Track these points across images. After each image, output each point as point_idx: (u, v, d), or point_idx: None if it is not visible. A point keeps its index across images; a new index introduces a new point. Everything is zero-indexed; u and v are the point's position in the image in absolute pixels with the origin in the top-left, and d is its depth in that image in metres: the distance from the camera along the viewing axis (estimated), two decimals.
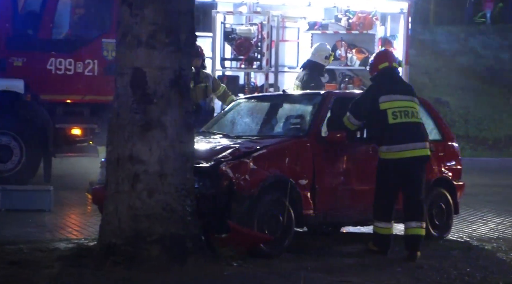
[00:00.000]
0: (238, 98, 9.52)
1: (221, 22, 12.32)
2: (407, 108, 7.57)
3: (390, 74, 7.80)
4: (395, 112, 7.52)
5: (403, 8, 13.02)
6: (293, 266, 6.87)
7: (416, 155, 7.51)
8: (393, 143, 7.49)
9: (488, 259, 7.62)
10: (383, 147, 7.56)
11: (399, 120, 7.51)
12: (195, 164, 6.89)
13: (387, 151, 7.53)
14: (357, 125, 7.75)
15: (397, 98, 7.57)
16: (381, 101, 7.53)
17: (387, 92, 7.58)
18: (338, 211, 7.86)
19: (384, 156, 7.56)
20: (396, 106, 7.53)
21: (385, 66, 7.79)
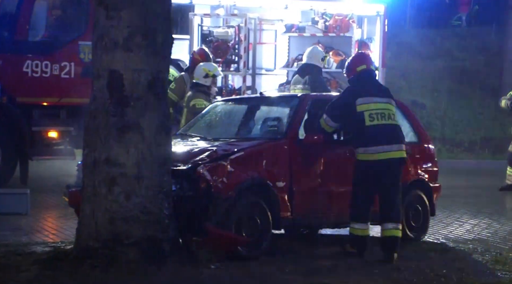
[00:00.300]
0: (216, 101, 9.52)
1: (198, 24, 12.31)
2: (384, 110, 7.61)
3: (368, 77, 7.84)
4: (372, 115, 7.56)
5: (380, 11, 13.08)
6: (271, 269, 6.87)
7: (392, 157, 7.55)
8: (370, 144, 7.53)
9: (464, 260, 7.67)
10: (360, 148, 7.59)
11: (375, 122, 7.55)
12: (173, 167, 6.88)
13: (364, 152, 7.56)
14: (333, 127, 7.77)
15: (374, 101, 7.61)
16: (358, 104, 7.57)
17: (364, 95, 7.61)
18: (315, 213, 7.88)
19: (360, 158, 7.60)
20: (373, 109, 7.57)
21: (363, 69, 7.82)
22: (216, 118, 8.76)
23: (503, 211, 11.13)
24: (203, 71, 10.32)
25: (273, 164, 7.58)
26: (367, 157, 7.55)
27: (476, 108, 21.69)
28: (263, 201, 7.39)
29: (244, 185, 7.28)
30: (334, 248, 7.96)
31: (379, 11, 13.09)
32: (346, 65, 8.04)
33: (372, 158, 7.52)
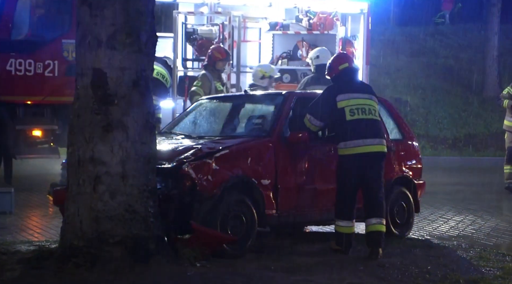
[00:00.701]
0: (200, 99, 9.52)
1: (182, 22, 12.29)
2: (365, 105, 7.66)
3: (350, 75, 7.89)
4: (353, 110, 7.61)
5: (363, 9, 13.11)
6: (256, 266, 6.88)
7: (372, 151, 7.59)
8: (350, 138, 7.57)
9: (449, 256, 7.71)
10: (341, 143, 7.64)
11: (356, 117, 7.59)
12: (158, 165, 6.87)
13: (344, 147, 7.60)
14: (318, 126, 7.79)
15: (354, 96, 7.66)
16: (338, 100, 7.62)
17: (345, 91, 7.67)
18: (300, 210, 7.89)
19: (341, 153, 7.64)
20: (353, 104, 7.62)
21: (345, 67, 7.87)
22: (201, 116, 8.76)
23: (487, 207, 11.19)
24: (260, 73, 10.52)
25: (258, 161, 7.59)
26: (348, 151, 7.58)
27: (459, 105, 21.80)
28: (248, 198, 7.39)
29: (229, 182, 7.28)
30: (319, 245, 7.98)
31: (363, 9, 13.12)
32: (328, 65, 8.08)
33: (352, 152, 7.56)
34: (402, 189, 8.71)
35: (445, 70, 23.77)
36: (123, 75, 6.50)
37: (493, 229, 9.58)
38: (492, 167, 16.81)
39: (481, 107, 21.96)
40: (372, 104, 7.74)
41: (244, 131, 8.24)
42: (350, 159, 7.57)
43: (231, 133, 8.29)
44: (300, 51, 12.64)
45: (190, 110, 8.95)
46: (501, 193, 12.75)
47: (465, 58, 24.68)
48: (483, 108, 21.94)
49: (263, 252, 7.44)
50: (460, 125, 20.78)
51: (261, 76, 10.47)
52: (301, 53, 12.62)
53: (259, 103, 8.83)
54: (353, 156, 7.56)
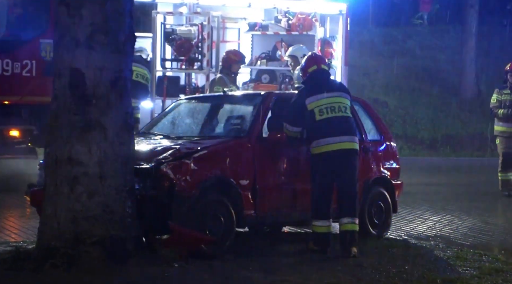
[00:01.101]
0: (179, 99, 9.51)
1: (161, 22, 12.26)
2: (334, 104, 7.70)
3: (320, 77, 7.91)
4: (322, 110, 7.65)
5: (342, 10, 13.15)
6: (234, 267, 6.88)
7: (343, 148, 7.61)
8: (320, 137, 7.60)
9: (426, 256, 7.75)
10: (313, 143, 7.67)
11: (325, 116, 7.64)
12: (136, 165, 6.86)
13: (316, 145, 7.63)
14: (297, 131, 7.84)
15: (323, 97, 7.71)
16: (308, 103, 7.68)
17: (314, 93, 7.71)
18: (279, 211, 7.90)
19: (313, 152, 7.67)
20: (322, 104, 7.67)
21: (314, 69, 7.91)
22: (180, 116, 8.75)
23: (465, 207, 11.26)
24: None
25: (236, 162, 7.59)
26: (319, 149, 7.61)
27: (437, 106, 21.93)
28: (226, 199, 7.39)
29: (208, 183, 7.28)
30: (298, 245, 8.00)
31: (341, 10, 13.16)
32: (300, 68, 8.13)
33: (323, 150, 7.59)
34: (380, 189, 8.75)
35: (423, 71, 23.91)
36: (101, 76, 6.48)
37: (470, 229, 9.64)
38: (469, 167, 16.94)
39: (459, 108, 22.10)
40: (342, 101, 7.75)
41: (222, 131, 8.25)
42: (321, 157, 7.60)
43: (209, 134, 8.29)
44: (279, 52, 12.66)
45: (169, 110, 8.94)
46: (478, 193, 12.85)
47: (443, 59, 24.84)
48: (460, 109, 22.09)
49: (241, 253, 7.44)
50: (438, 126, 20.91)
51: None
52: (280, 54, 12.63)
53: (237, 104, 8.84)
54: (325, 154, 7.59)
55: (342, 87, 8.04)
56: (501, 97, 12.43)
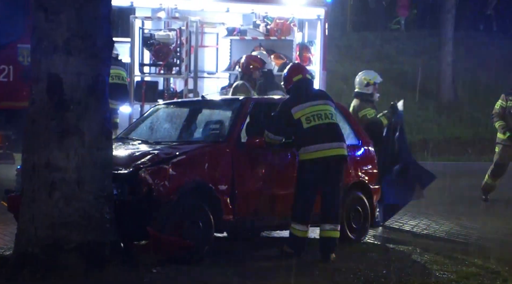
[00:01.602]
0: (157, 104, 9.49)
1: (140, 27, 12.25)
2: (320, 111, 7.73)
3: (305, 86, 7.95)
4: (308, 118, 7.67)
5: (320, 15, 13.20)
6: (213, 272, 6.88)
7: (333, 155, 7.65)
8: (309, 144, 7.62)
9: (404, 261, 7.78)
10: (301, 149, 7.69)
11: (313, 123, 7.66)
12: (114, 171, 6.84)
13: (304, 152, 7.65)
14: (279, 140, 7.87)
15: (308, 105, 7.73)
16: (294, 112, 7.70)
17: (300, 102, 7.74)
18: (258, 215, 7.91)
19: (302, 158, 7.69)
20: (308, 112, 7.69)
21: (299, 78, 7.94)
22: (158, 121, 8.74)
23: (442, 212, 11.31)
24: (364, 80, 10.58)
25: (215, 167, 7.59)
26: (308, 155, 7.63)
27: (415, 110, 22.02)
28: (205, 204, 7.39)
29: (186, 188, 7.28)
30: (277, 250, 8.00)
31: (319, 15, 13.21)
32: (283, 76, 8.16)
33: (312, 157, 7.61)
34: (358, 194, 8.78)
35: (401, 75, 24.02)
36: (79, 81, 6.46)
37: (448, 234, 9.69)
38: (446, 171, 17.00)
39: (436, 113, 22.23)
40: (328, 109, 7.80)
41: (201, 136, 8.25)
42: (310, 163, 7.62)
43: (188, 139, 8.29)
44: None
45: (147, 115, 8.92)
46: (455, 197, 12.91)
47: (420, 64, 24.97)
48: (438, 114, 22.22)
49: (220, 258, 7.44)
50: (415, 130, 20.98)
51: (366, 84, 10.62)
52: None
53: (216, 109, 8.84)
54: (313, 160, 7.61)
55: (326, 95, 8.07)
56: (505, 104, 11.81)
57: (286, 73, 8.10)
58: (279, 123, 7.80)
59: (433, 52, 24.27)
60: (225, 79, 12.99)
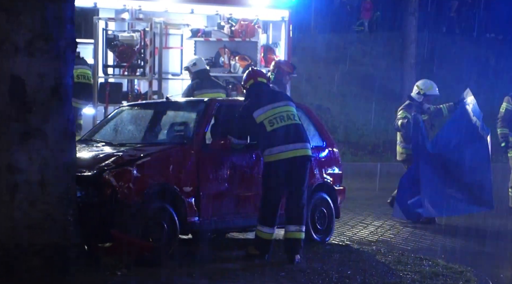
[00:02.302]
0: (121, 106, 9.44)
1: (103, 28, 12.17)
2: (282, 113, 7.75)
3: (259, 89, 7.96)
4: (271, 120, 7.69)
5: (285, 16, 13.23)
6: (178, 273, 6.87)
7: (297, 155, 7.66)
8: (273, 145, 7.64)
9: (368, 261, 7.83)
10: (266, 151, 7.70)
11: (276, 126, 7.67)
12: (78, 173, 6.79)
13: (269, 154, 7.67)
14: (242, 144, 7.89)
15: (269, 108, 7.75)
16: (256, 116, 7.71)
17: (260, 106, 7.75)
18: (223, 217, 7.91)
19: (267, 159, 7.70)
20: (270, 115, 7.71)
21: (251, 84, 7.97)
22: (122, 123, 8.69)
23: None
24: (416, 88, 11.01)
25: (180, 169, 7.57)
26: (273, 157, 7.65)
27: (379, 112, 22.17)
28: (170, 206, 7.37)
29: (151, 190, 7.25)
30: (242, 252, 8.00)
31: (284, 17, 13.24)
32: (242, 83, 8.21)
33: (277, 158, 7.62)
34: (322, 195, 8.82)
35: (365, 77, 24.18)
36: (41, 82, 6.41)
37: (411, 234, 9.78)
38: None
39: None
40: (289, 110, 7.82)
41: (166, 138, 8.22)
42: (275, 165, 7.63)
43: (153, 141, 8.26)
44: (222, 58, 12.67)
45: (111, 117, 8.87)
46: None
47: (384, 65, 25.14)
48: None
49: (185, 259, 7.43)
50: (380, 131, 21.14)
51: (417, 92, 10.82)
52: (223, 60, 12.65)
53: (181, 110, 8.82)
54: (278, 161, 7.62)
55: (286, 96, 8.11)
56: (511, 106, 11.43)
57: (242, 80, 8.17)
58: (241, 128, 7.81)
59: (397, 54, 24.47)
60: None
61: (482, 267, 7.87)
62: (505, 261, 8.55)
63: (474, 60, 25.74)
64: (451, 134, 10.43)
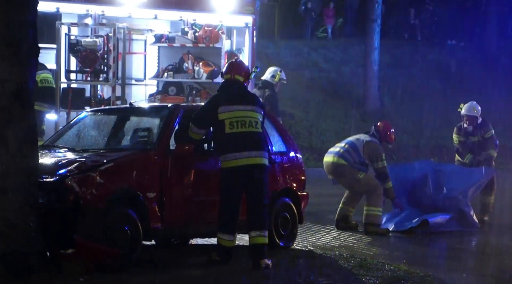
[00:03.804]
0: (84, 111, 9.39)
1: (66, 33, 12.09)
2: (245, 118, 7.72)
3: (232, 86, 7.91)
4: (232, 122, 7.67)
5: (248, 23, 13.27)
6: (141, 280, 6.84)
7: (252, 163, 7.65)
8: (229, 151, 7.63)
9: (331, 266, 7.87)
10: (221, 156, 7.69)
11: (235, 130, 7.66)
12: (40, 179, 6.74)
13: (224, 159, 7.66)
14: (200, 134, 7.81)
15: (235, 109, 7.72)
16: (220, 112, 7.68)
17: (227, 103, 7.72)
18: (186, 223, 7.89)
19: (222, 165, 7.69)
20: (233, 116, 7.68)
21: (227, 78, 7.93)
22: (85, 129, 8.64)
23: None
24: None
25: (143, 174, 7.55)
26: (227, 164, 7.64)
27: (342, 118, 22.29)
28: (133, 212, 7.34)
29: (114, 196, 7.22)
30: (205, 258, 8.00)
31: (247, 23, 13.28)
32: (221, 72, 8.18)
33: (231, 165, 7.62)
34: (286, 200, 8.84)
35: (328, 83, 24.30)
36: (3, 88, 6.36)
37: (374, 239, 9.84)
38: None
39: (363, 120, 22.53)
40: (254, 116, 7.79)
41: (129, 144, 8.19)
42: (229, 171, 7.63)
43: (116, 146, 8.22)
44: (186, 64, 12.66)
45: (74, 123, 8.81)
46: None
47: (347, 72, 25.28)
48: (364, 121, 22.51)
49: (148, 265, 7.40)
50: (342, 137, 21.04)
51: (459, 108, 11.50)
52: (187, 66, 12.64)
53: (144, 116, 8.79)
54: (233, 168, 7.61)
55: (256, 100, 7.99)
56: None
57: (223, 69, 8.10)
58: (204, 117, 7.76)
59: (360, 60, 24.62)
60: (153, 87, 12.93)
61: (442, 272, 7.95)
62: (465, 266, 8.65)
63: (436, 67, 26.00)
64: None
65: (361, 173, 10.22)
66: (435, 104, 21.82)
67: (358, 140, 10.53)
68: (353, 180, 10.30)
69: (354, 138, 10.60)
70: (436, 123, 21.66)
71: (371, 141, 10.45)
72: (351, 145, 10.49)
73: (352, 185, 10.40)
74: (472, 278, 8.03)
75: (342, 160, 10.35)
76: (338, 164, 10.36)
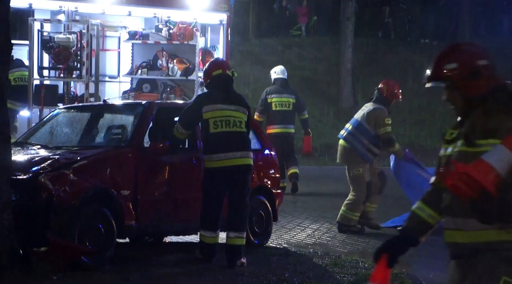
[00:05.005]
0: (57, 108, 9.32)
1: (38, 30, 11.98)
2: (230, 117, 7.69)
3: (222, 83, 7.85)
4: (216, 122, 7.64)
5: (223, 20, 13.25)
6: (115, 278, 6.82)
7: (236, 164, 7.65)
8: (213, 151, 7.61)
9: (305, 264, 7.89)
10: (206, 156, 7.67)
11: (219, 129, 7.63)
12: (13, 176, 6.68)
13: (208, 159, 7.64)
14: (184, 134, 7.79)
15: (220, 108, 7.69)
16: (204, 111, 7.64)
17: (212, 102, 7.68)
18: (160, 221, 7.87)
19: (206, 165, 7.67)
20: (217, 116, 7.65)
21: (218, 73, 7.86)
22: (58, 126, 8.58)
23: None
24: None
25: (117, 172, 7.51)
26: (211, 164, 7.63)
27: (316, 116, 22.34)
28: (107, 209, 7.31)
29: (87, 193, 7.18)
30: (180, 255, 7.99)
31: (222, 20, 13.25)
32: (204, 70, 8.07)
33: (216, 165, 7.61)
34: (260, 198, 8.84)
35: (302, 81, 24.34)
36: None
37: (348, 237, 9.87)
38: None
39: (337, 118, 22.61)
40: (238, 116, 7.75)
41: (103, 141, 8.15)
42: (213, 171, 7.61)
43: (89, 144, 8.18)
44: (160, 61, 12.61)
45: (47, 120, 8.75)
46: None
47: (321, 70, 25.35)
48: (338, 119, 22.60)
49: (122, 263, 7.37)
50: (317, 135, 21.27)
51: None
52: (161, 63, 12.59)
53: (119, 113, 8.75)
54: (217, 169, 7.60)
55: (242, 101, 7.92)
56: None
57: (207, 67, 8.01)
58: (189, 117, 7.72)
59: (334, 58, 24.69)
60: (127, 84, 12.86)
61: (416, 269, 7.99)
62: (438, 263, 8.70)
63: (410, 65, 26.14)
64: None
65: (358, 169, 10.00)
66: (408, 103, 21.92)
67: (362, 116, 10.00)
68: (349, 169, 10.10)
69: (359, 115, 10.08)
70: (410, 122, 21.80)
71: (373, 109, 9.96)
72: (353, 124, 10.02)
73: (347, 171, 10.18)
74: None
75: (345, 142, 9.99)
76: (343, 147, 10.03)
